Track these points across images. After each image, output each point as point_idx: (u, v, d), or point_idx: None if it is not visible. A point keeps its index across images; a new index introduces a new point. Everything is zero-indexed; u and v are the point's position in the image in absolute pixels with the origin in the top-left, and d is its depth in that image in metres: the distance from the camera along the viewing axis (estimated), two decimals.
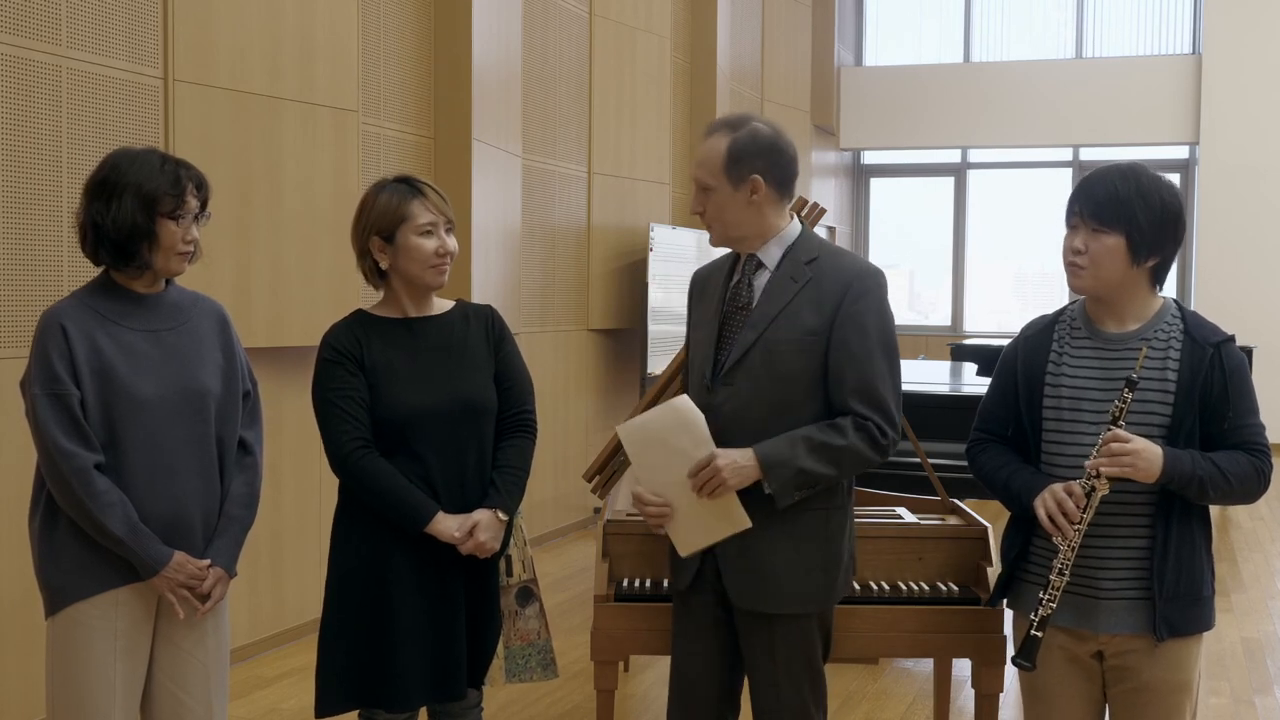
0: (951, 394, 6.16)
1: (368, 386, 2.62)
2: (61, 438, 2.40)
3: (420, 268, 2.64)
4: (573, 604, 5.78)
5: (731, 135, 2.50)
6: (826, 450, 2.43)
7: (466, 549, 2.60)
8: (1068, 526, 2.30)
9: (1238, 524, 8.22)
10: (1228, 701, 4.58)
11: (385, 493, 2.58)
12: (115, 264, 2.50)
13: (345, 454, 2.59)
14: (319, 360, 2.67)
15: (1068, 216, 2.41)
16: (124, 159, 2.50)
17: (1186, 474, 2.28)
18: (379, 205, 2.65)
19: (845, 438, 2.43)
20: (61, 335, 2.42)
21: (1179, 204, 2.38)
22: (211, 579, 2.55)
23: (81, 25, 4.08)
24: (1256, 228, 11.70)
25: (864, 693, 4.54)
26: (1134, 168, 2.38)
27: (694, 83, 9.26)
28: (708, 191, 2.53)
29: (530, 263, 6.97)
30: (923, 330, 13.29)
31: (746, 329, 2.53)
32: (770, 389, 2.48)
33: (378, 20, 5.58)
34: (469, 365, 2.70)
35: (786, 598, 2.52)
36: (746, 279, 2.58)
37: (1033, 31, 13.00)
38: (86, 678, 2.46)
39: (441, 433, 2.62)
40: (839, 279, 2.51)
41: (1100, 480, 2.28)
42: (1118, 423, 2.30)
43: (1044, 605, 2.35)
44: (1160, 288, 2.44)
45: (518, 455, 2.74)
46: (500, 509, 2.66)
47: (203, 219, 2.56)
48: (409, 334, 2.68)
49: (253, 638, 4.86)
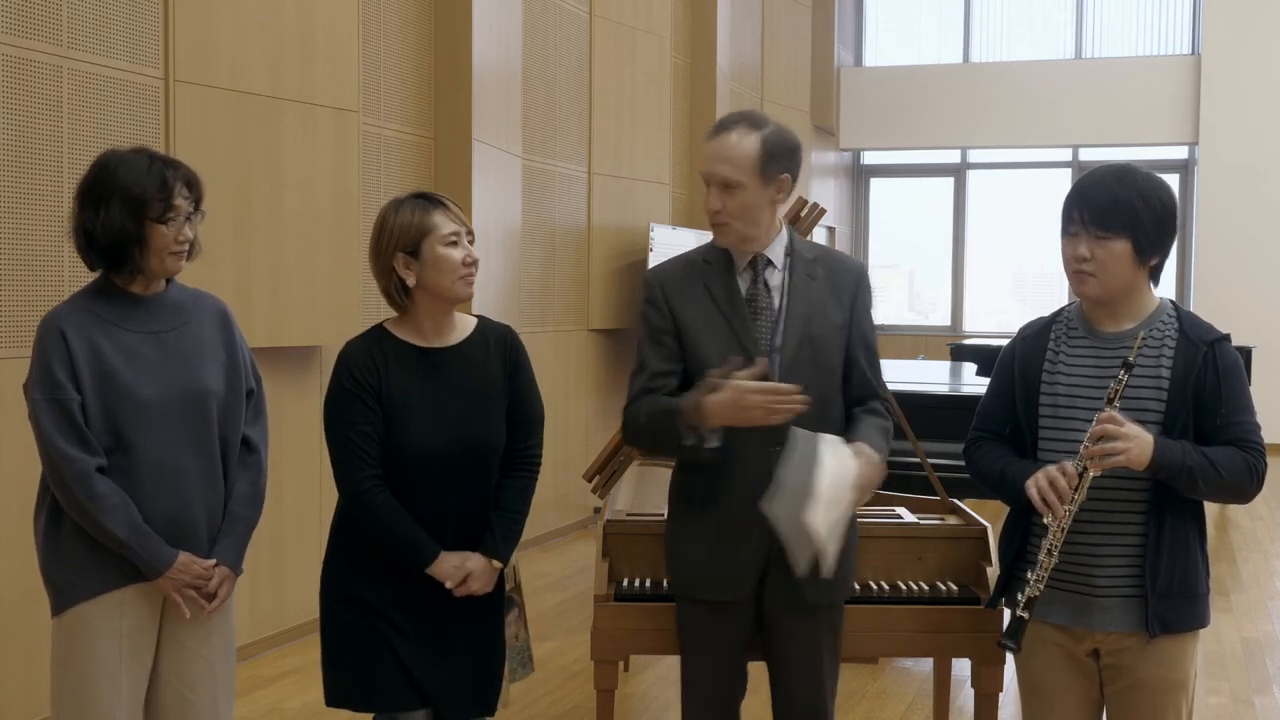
0: (951, 394, 6.16)
1: (383, 418, 2.58)
2: (62, 443, 2.40)
3: (450, 279, 2.56)
4: (573, 604, 5.78)
5: (760, 132, 2.47)
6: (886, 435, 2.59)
7: (458, 594, 2.59)
8: (1058, 505, 2.30)
9: (1237, 524, 8.23)
10: (1227, 701, 4.59)
11: (391, 533, 2.56)
12: (108, 269, 2.49)
13: (358, 491, 2.56)
14: (337, 386, 2.59)
15: (1066, 224, 2.40)
16: (112, 161, 2.48)
17: (1176, 462, 2.28)
18: (400, 221, 2.56)
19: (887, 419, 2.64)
20: (61, 340, 2.42)
21: (1174, 201, 2.40)
22: (217, 578, 2.55)
23: (82, 25, 4.09)
24: (1256, 228, 11.71)
25: (864, 692, 4.54)
26: (1128, 169, 2.38)
27: (694, 83, 9.26)
28: (732, 189, 2.47)
29: (530, 263, 6.98)
30: (922, 330, 13.29)
31: (786, 329, 2.53)
32: (816, 383, 2.51)
33: (378, 21, 5.58)
34: (483, 404, 2.64)
35: (840, 585, 2.61)
36: (761, 279, 2.56)
37: (1032, 32, 13.01)
38: (92, 677, 2.47)
39: (449, 473, 2.60)
40: (849, 274, 2.61)
41: (1094, 462, 2.29)
42: (1113, 404, 2.30)
43: (1031, 586, 2.35)
44: (1157, 285, 2.45)
45: (518, 497, 2.70)
46: (495, 558, 2.64)
47: (197, 217, 2.54)
48: (428, 366, 2.62)
49: (253, 637, 4.86)
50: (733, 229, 2.52)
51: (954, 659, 3.69)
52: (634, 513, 3.31)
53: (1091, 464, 2.29)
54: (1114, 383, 2.31)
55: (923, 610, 2.96)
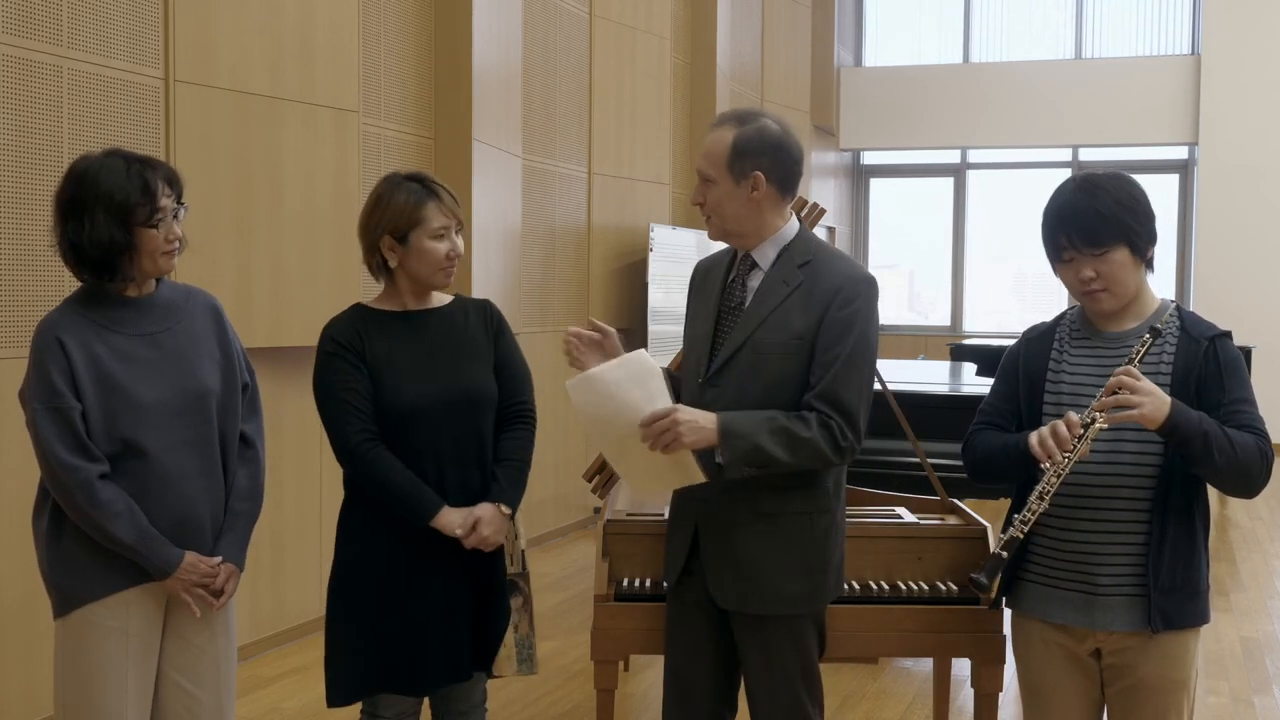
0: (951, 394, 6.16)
1: (370, 379, 2.63)
2: (63, 451, 2.39)
3: (430, 270, 2.66)
4: (573, 604, 5.79)
5: (738, 129, 2.49)
6: (788, 436, 2.39)
7: (470, 543, 2.62)
8: (1055, 450, 2.27)
9: (1236, 524, 8.23)
10: (1226, 701, 4.59)
11: (390, 486, 2.59)
12: (99, 279, 2.47)
13: (351, 446, 2.61)
14: (320, 354, 2.67)
15: (1057, 252, 2.38)
16: (89, 169, 2.43)
17: (1193, 425, 2.24)
18: (395, 204, 2.64)
19: (809, 430, 2.40)
20: (59, 348, 2.41)
21: (1143, 189, 2.39)
22: (223, 575, 2.56)
23: (83, 25, 4.09)
24: (1255, 228, 11.71)
25: (863, 692, 4.54)
26: (1090, 180, 2.37)
27: (694, 83, 9.26)
28: (709, 184, 2.52)
29: (530, 263, 6.98)
30: (922, 330, 13.29)
31: (736, 330, 2.52)
32: (757, 392, 2.47)
33: (378, 21, 5.58)
34: (469, 356, 2.71)
35: (771, 599, 2.51)
36: (740, 278, 2.58)
37: (1032, 32, 13.01)
38: (99, 679, 2.46)
39: (443, 424, 2.64)
40: (829, 284, 2.48)
41: (1104, 414, 2.26)
42: (1133, 363, 2.29)
43: (1015, 526, 2.34)
44: (1153, 271, 2.44)
45: (519, 447, 2.76)
46: (503, 502, 2.68)
47: (181, 214, 2.52)
48: (409, 327, 2.69)
49: (254, 637, 4.86)
50: (713, 222, 2.56)
51: (954, 659, 3.69)
52: (634, 513, 3.31)
53: (1102, 416, 2.26)
54: (1138, 344, 2.30)
55: (922, 610, 2.96)
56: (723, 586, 2.54)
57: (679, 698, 2.67)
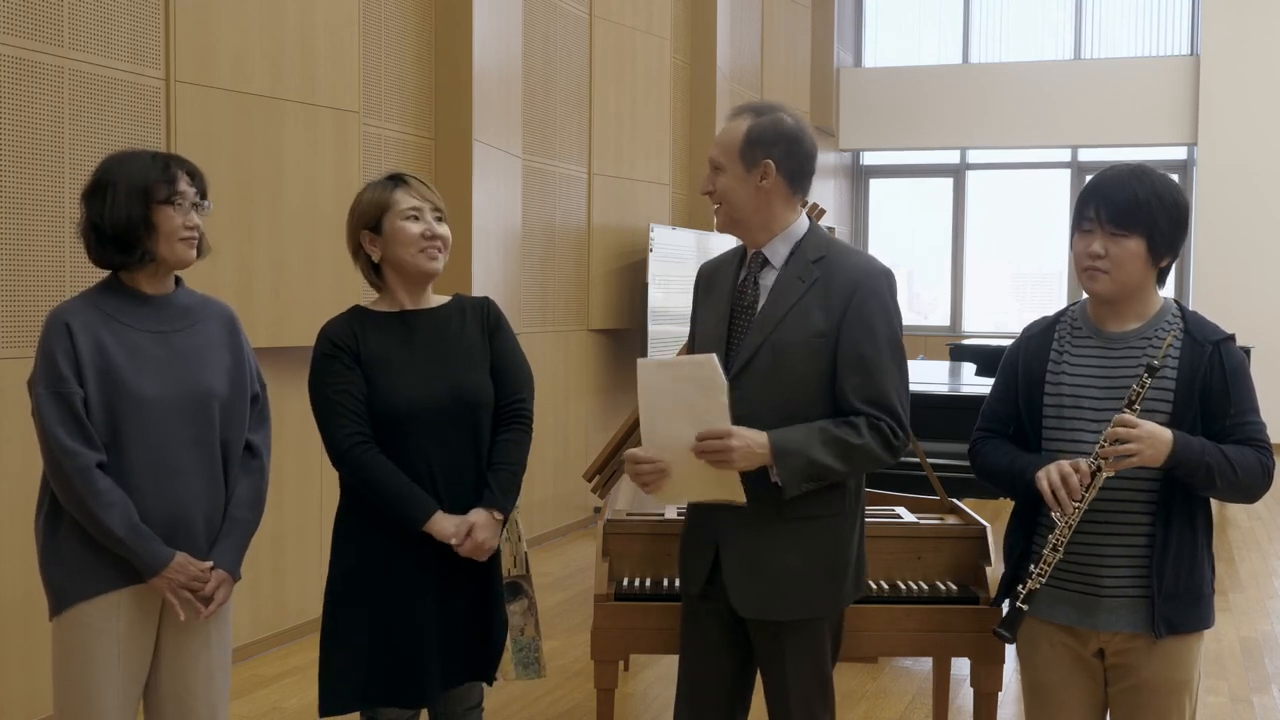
0: (950, 394, 6.17)
1: (365, 380, 2.62)
2: (64, 436, 2.40)
3: (409, 251, 2.64)
4: (573, 604, 5.79)
5: (754, 119, 2.49)
6: (841, 445, 2.37)
7: (464, 550, 2.60)
8: (1068, 502, 2.30)
9: (1235, 524, 8.24)
10: (1225, 701, 4.59)
11: (384, 489, 2.57)
12: (120, 260, 2.49)
13: (344, 449, 2.59)
14: (316, 354, 2.67)
15: (1080, 221, 2.40)
16: (114, 160, 2.52)
17: (1195, 458, 2.27)
18: (364, 200, 2.69)
19: (861, 436, 2.39)
20: (66, 334, 2.42)
21: (1188, 204, 2.41)
22: (214, 581, 2.54)
23: (83, 26, 4.09)
24: (1255, 228, 11.72)
25: (863, 691, 4.55)
26: (1145, 169, 2.39)
27: (694, 84, 9.27)
28: (719, 171, 2.51)
29: (530, 263, 6.98)
30: (922, 330, 13.29)
31: (753, 331, 2.48)
32: (778, 393, 2.44)
33: (378, 21, 5.59)
34: (465, 358, 2.69)
35: (792, 604, 2.48)
36: (752, 277, 2.54)
37: (1031, 32, 13.01)
38: (89, 678, 2.46)
39: (439, 426, 2.62)
40: (847, 279, 2.44)
41: (1109, 462, 2.28)
42: (1133, 406, 2.30)
43: (1033, 579, 2.35)
44: (1163, 286, 2.45)
45: (513, 451, 2.72)
46: (496, 509, 2.65)
47: (204, 208, 2.56)
48: (405, 327, 2.68)
49: (254, 637, 4.87)
50: (722, 211, 2.55)
51: (953, 658, 3.70)
52: (634, 513, 3.32)
53: (1106, 464, 2.29)
54: (1135, 384, 2.31)
55: (922, 610, 2.97)
56: (745, 595, 2.49)
57: (693, 701, 2.64)
